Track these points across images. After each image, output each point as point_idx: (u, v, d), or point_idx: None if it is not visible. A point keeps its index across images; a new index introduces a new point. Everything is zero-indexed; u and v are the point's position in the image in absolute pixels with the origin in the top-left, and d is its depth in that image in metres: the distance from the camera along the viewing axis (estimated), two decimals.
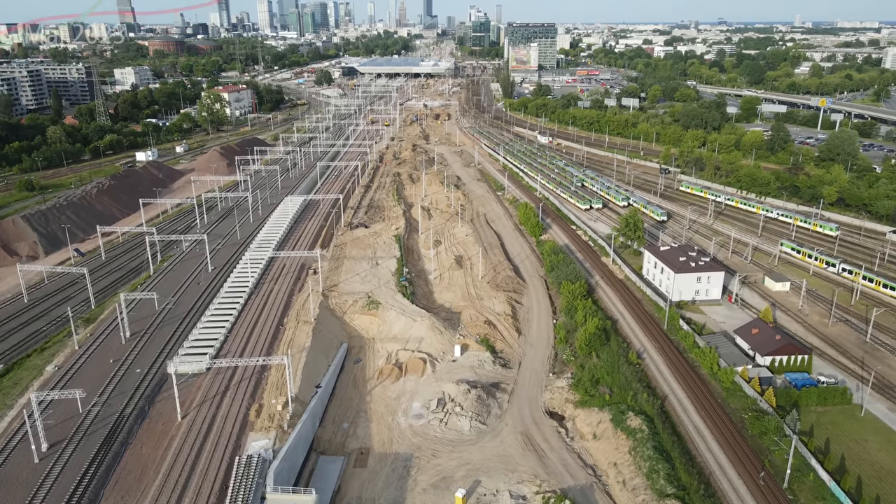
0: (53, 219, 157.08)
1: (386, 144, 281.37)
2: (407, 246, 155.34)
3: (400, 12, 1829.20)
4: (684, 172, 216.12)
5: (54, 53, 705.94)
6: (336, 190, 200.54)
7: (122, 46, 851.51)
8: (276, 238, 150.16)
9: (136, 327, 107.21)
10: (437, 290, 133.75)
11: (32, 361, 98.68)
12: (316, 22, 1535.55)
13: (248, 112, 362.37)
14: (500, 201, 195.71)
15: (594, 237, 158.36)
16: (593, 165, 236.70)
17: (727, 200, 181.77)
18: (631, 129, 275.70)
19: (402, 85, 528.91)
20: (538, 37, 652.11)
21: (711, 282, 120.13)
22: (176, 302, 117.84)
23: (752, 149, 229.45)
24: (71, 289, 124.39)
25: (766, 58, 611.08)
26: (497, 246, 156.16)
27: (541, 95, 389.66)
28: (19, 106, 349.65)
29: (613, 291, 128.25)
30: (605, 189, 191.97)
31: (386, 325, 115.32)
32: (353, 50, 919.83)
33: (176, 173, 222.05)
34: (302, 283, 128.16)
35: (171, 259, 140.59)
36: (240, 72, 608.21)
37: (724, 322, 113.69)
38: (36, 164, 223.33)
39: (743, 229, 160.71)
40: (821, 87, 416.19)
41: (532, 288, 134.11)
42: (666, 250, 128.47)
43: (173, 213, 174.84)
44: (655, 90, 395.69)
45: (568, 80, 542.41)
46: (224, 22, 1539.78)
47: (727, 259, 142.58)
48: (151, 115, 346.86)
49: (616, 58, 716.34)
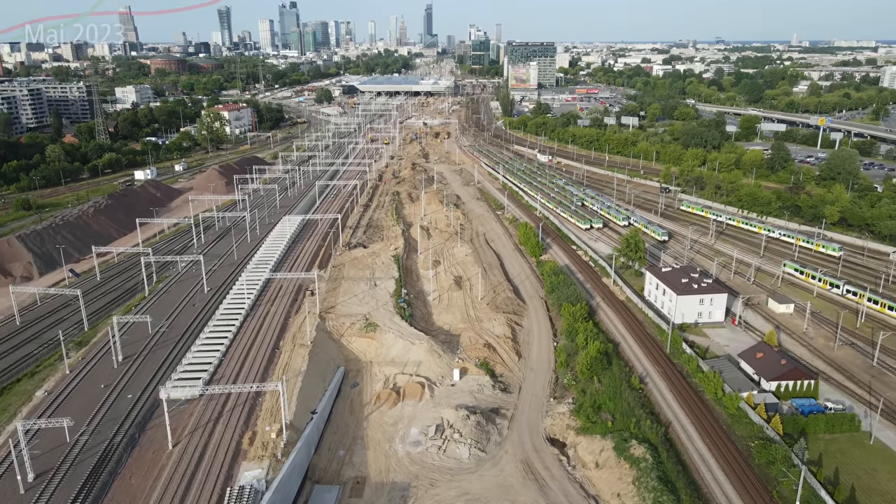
0: (49, 239, 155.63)
1: (385, 163, 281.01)
2: (406, 266, 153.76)
3: (400, 31, 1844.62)
4: (685, 191, 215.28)
5: (57, 72, 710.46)
6: (335, 209, 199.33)
7: (124, 65, 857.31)
8: (274, 259, 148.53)
9: (130, 350, 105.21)
10: (436, 312, 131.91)
11: (22, 386, 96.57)
12: (317, 41, 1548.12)
13: (247, 130, 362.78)
14: (500, 220, 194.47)
15: (595, 257, 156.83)
16: (593, 184, 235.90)
17: (728, 220, 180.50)
18: (631, 148, 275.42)
19: (402, 103, 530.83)
20: (537, 55, 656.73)
21: (714, 304, 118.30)
22: (170, 325, 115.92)
23: (753, 168, 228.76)
24: (64, 310, 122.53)
25: (764, 77, 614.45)
26: (497, 266, 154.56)
27: (540, 114, 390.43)
28: (19, 124, 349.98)
29: (615, 313, 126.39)
30: (606, 208, 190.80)
31: (384, 348, 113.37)
32: (354, 68, 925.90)
33: (174, 192, 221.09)
34: (299, 305, 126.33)
35: (167, 280, 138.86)
36: (240, 90, 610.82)
37: (728, 345, 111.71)
38: (34, 183, 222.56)
39: (745, 249, 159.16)
40: (819, 106, 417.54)
41: (532, 309, 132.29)
42: (668, 272, 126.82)
43: (170, 233, 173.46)
44: (655, 109, 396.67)
45: (567, 98, 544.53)
46: (226, 41, 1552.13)
47: (730, 280, 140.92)
48: (151, 133, 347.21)
49: (615, 76, 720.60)
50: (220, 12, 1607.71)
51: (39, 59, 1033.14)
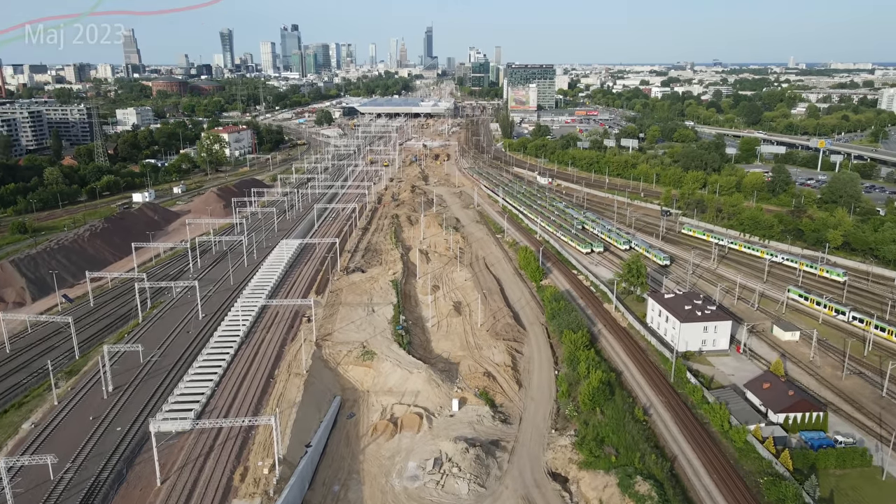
0: (43, 263, 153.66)
1: (385, 185, 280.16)
2: (404, 291, 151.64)
3: (401, 53, 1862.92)
4: (686, 214, 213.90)
5: (59, 94, 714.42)
6: (333, 233, 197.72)
7: (126, 87, 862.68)
8: (270, 284, 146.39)
9: (121, 380, 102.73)
10: (435, 339, 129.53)
11: (9, 418, 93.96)
12: (318, 63, 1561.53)
13: (247, 152, 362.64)
14: (500, 244, 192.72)
15: (596, 282, 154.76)
16: (594, 207, 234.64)
17: (730, 244, 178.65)
18: (631, 170, 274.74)
19: (402, 125, 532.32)
20: (537, 77, 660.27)
21: (719, 331, 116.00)
22: (163, 353, 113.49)
23: (754, 191, 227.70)
24: (56, 338, 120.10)
25: (762, 98, 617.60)
26: (497, 291, 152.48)
27: (540, 136, 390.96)
28: (19, 146, 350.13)
29: (617, 341, 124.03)
30: (607, 232, 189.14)
31: (381, 378, 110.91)
32: (354, 90, 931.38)
33: (172, 215, 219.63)
34: (295, 332, 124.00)
35: (162, 306, 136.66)
36: (241, 112, 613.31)
37: (733, 374, 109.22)
38: (30, 205, 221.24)
39: (748, 274, 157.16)
40: (818, 128, 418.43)
41: (533, 336, 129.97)
42: (670, 298, 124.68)
43: (166, 257, 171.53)
44: (654, 131, 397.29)
45: (567, 120, 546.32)
46: (228, 63, 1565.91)
47: (733, 306, 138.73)
48: (151, 155, 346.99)
49: (614, 98, 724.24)
50: (222, 35, 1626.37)
51: (42, 81, 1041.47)
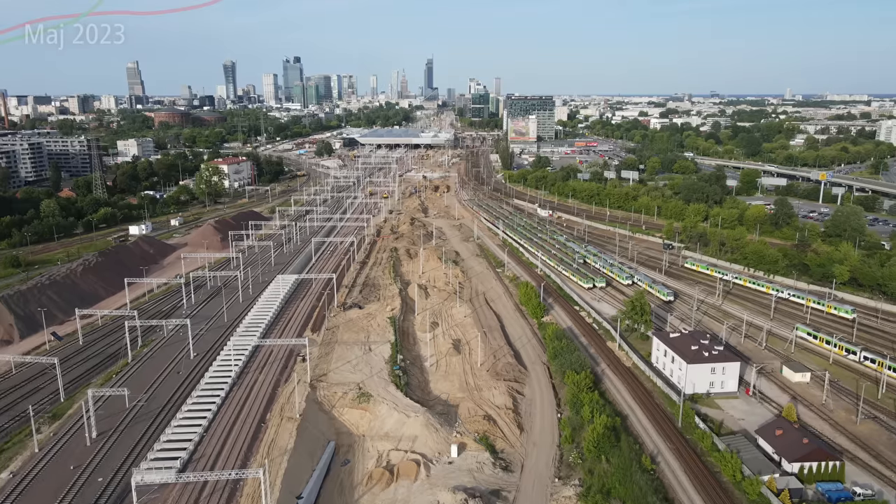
0: (33, 299, 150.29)
1: (384, 217, 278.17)
2: (402, 328, 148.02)
3: (401, 84, 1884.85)
4: (688, 248, 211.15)
5: (61, 125, 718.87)
6: (330, 267, 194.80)
7: (128, 118, 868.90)
8: (265, 322, 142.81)
9: (106, 425, 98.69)
10: (434, 380, 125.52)
11: None
12: (319, 94, 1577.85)
13: (246, 184, 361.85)
14: (500, 279, 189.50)
15: (598, 319, 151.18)
16: (595, 240, 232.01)
17: (735, 279, 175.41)
18: (632, 203, 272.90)
19: (402, 156, 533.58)
20: (536, 109, 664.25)
21: (727, 373, 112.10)
22: (151, 395, 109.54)
23: (756, 224, 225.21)
24: (41, 379, 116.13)
25: (760, 130, 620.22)
26: (497, 328, 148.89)
27: (540, 167, 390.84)
28: (18, 178, 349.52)
29: (621, 382, 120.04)
30: (609, 266, 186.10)
31: (377, 421, 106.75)
32: (355, 121, 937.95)
33: (168, 248, 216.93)
34: (289, 373, 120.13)
35: (153, 344, 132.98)
36: (242, 143, 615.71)
37: (744, 419, 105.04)
38: (25, 239, 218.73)
39: (754, 310, 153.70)
40: (818, 160, 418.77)
41: (534, 376, 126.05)
42: (676, 337, 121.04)
43: (160, 293, 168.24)
44: (654, 162, 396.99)
45: (566, 151, 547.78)
46: (230, 94, 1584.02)
47: (740, 344, 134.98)
48: (150, 187, 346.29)
49: (613, 129, 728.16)
50: (225, 67, 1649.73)
51: (46, 112, 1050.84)
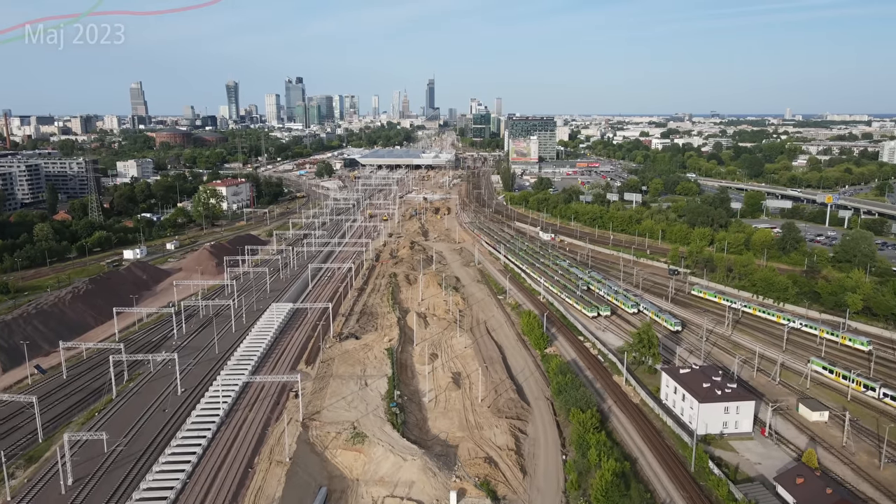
0: (18, 330, 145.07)
1: (383, 241, 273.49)
2: (400, 360, 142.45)
3: (403, 104, 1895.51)
4: (694, 273, 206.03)
5: (62, 145, 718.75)
6: (327, 295, 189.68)
7: (130, 138, 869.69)
8: (257, 354, 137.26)
9: (83, 470, 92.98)
10: (432, 417, 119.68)
11: None
12: (321, 114, 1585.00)
13: (245, 206, 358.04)
14: (502, 306, 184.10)
15: (604, 351, 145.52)
16: (598, 265, 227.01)
17: (744, 307, 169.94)
18: (635, 226, 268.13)
19: (403, 177, 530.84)
20: (538, 129, 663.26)
21: (741, 413, 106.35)
22: (135, 435, 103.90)
23: (763, 248, 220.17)
24: (20, 417, 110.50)
25: (762, 150, 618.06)
26: (498, 360, 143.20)
27: (542, 189, 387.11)
28: (14, 200, 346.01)
29: (629, 420, 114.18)
30: (613, 294, 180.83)
31: (372, 465, 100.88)
32: (357, 141, 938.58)
33: (162, 273, 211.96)
34: (280, 410, 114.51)
35: (139, 378, 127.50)
36: (242, 163, 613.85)
37: (760, 463, 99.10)
38: (16, 264, 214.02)
39: (765, 341, 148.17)
40: (822, 181, 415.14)
41: (537, 413, 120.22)
42: (686, 373, 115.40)
43: (150, 322, 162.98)
44: (657, 183, 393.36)
45: (568, 171, 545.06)
46: (233, 114, 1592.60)
47: (752, 379, 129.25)
48: (148, 209, 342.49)
49: (615, 149, 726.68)
50: (227, 87, 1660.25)
51: (48, 132, 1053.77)
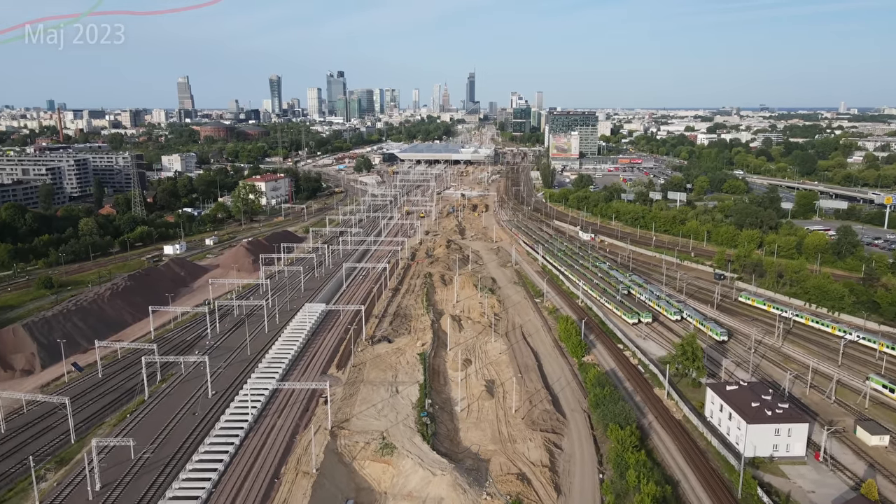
0: (58, 326, 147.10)
1: (420, 239, 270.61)
2: (433, 366, 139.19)
3: (443, 98, 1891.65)
4: (741, 278, 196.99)
5: (112, 139, 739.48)
6: (361, 295, 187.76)
7: (176, 132, 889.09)
8: (288, 357, 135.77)
9: (112, 475, 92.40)
10: (464, 427, 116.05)
11: None
12: (362, 108, 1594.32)
13: (283, 201, 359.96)
14: (539, 310, 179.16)
15: (645, 361, 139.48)
16: (640, 267, 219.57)
17: (795, 316, 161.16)
18: (679, 227, 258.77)
19: (441, 172, 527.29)
20: (579, 124, 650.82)
21: (793, 435, 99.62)
22: (165, 439, 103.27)
23: (817, 253, 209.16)
24: (53, 417, 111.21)
25: (815, 146, 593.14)
26: (534, 368, 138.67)
27: (582, 186, 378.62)
28: (62, 194, 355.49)
29: (671, 439, 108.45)
30: (655, 299, 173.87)
31: (401, 478, 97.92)
32: (396, 135, 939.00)
33: (199, 270, 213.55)
34: (309, 416, 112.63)
35: (171, 379, 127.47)
36: (283, 158, 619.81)
37: (814, 491, 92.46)
38: (60, 258, 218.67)
39: (819, 354, 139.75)
40: (880, 180, 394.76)
41: (573, 426, 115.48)
42: (734, 390, 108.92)
43: (185, 320, 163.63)
44: (702, 181, 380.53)
45: (610, 168, 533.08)
46: (276, 108, 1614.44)
47: (805, 395, 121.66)
48: (189, 203, 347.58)
49: (658, 145, 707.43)
50: (271, 81, 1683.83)
51: (99, 126, 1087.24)
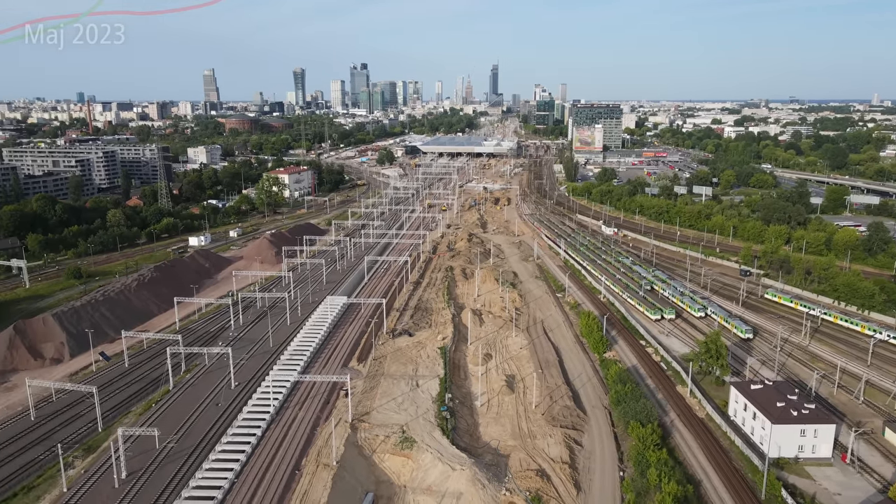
0: (86, 316, 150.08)
1: (441, 233, 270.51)
2: (453, 360, 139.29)
3: (466, 90, 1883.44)
4: (768, 275, 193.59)
5: (139, 131, 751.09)
6: (382, 288, 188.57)
7: (202, 124, 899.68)
8: (310, 350, 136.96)
9: (137, 464, 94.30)
10: (484, 422, 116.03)
11: None
12: (385, 100, 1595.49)
13: (306, 193, 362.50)
14: (560, 305, 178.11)
15: (667, 358, 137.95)
16: (663, 262, 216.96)
17: (824, 314, 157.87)
18: (704, 222, 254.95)
19: (464, 165, 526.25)
20: (603, 117, 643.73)
21: (819, 436, 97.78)
22: (187, 430, 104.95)
23: (847, 249, 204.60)
24: (81, 405, 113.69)
25: (846, 140, 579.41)
26: (554, 363, 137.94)
27: (605, 180, 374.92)
28: (91, 186, 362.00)
29: (693, 437, 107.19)
30: (679, 295, 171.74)
31: (420, 472, 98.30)
32: (419, 127, 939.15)
33: (223, 261, 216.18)
34: (331, 409, 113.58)
35: (196, 370, 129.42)
36: (306, 150, 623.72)
37: (840, 493, 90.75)
38: (89, 249, 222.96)
39: (847, 354, 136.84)
40: None
41: (594, 422, 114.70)
42: (758, 390, 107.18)
43: (209, 311, 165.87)
44: (729, 175, 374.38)
45: (634, 161, 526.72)
46: (299, 100, 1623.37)
47: (832, 396, 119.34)
48: (214, 195, 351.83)
49: (684, 138, 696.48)
50: (294, 74, 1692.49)
51: (127, 118, 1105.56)
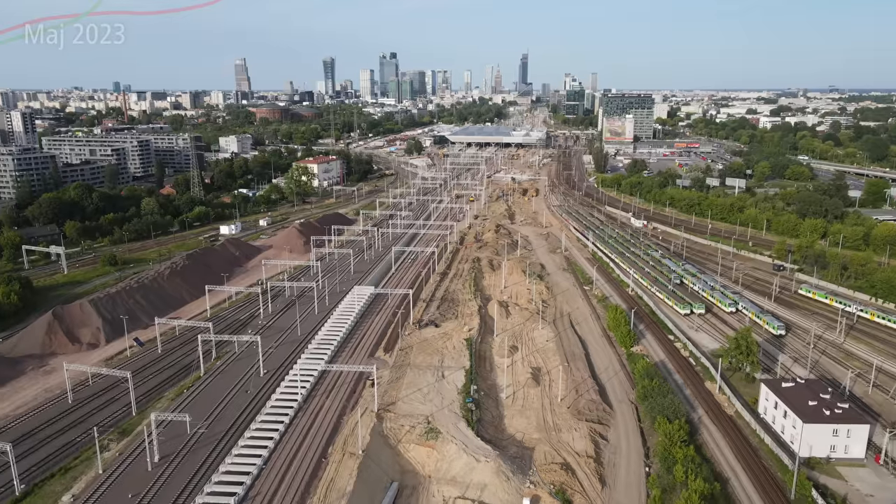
0: (121, 302, 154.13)
1: (469, 223, 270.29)
2: (479, 352, 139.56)
3: (495, 80, 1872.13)
4: (802, 270, 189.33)
5: (172, 120, 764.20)
6: (409, 278, 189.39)
7: (233, 113, 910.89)
8: (337, 339, 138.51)
9: (170, 447, 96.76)
10: (509, 415, 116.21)
11: (53, 486, 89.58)
12: (414, 89, 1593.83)
13: (335, 183, 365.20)
14: (588, 298, 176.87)
15: (696, 353, 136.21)
16: (694, 256, 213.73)
17: (860, 311, 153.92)
18: (737, 215, 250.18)
19: (492, 155, 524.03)
20: (634, 107, 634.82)
21: (852, 436, 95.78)
22: (217, 416, 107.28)
23: (886, 245, 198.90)
24: (116, 389, 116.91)
25: (888, 130, 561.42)
26: (581, 357, 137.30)
27: (635, 171, 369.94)
28: (126, 174, 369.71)
29: (721, 435, 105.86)
30: (709, 290, 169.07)
31: (445, 462, 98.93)
32: (447, 117, 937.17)
33: (253, 250, 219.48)
34: (357, 398, 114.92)
35: (226, 357, 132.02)
36: (335, 139, 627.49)
37: (873, 495, 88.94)
38: (124, 237, 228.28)
39: (884, 352, 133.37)
40: None
41: (620, 417, 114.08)
42: (790, 387, 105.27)
43: (239, 300, 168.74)
44: (763, 167, 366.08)
45: (665, 152, 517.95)
46: (329, 90, 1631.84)
47: (867, 395, 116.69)
48: (245, 184, 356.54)
49: (717, 128, 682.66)
50: (324, 63, 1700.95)
51: (161, 107, 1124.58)
